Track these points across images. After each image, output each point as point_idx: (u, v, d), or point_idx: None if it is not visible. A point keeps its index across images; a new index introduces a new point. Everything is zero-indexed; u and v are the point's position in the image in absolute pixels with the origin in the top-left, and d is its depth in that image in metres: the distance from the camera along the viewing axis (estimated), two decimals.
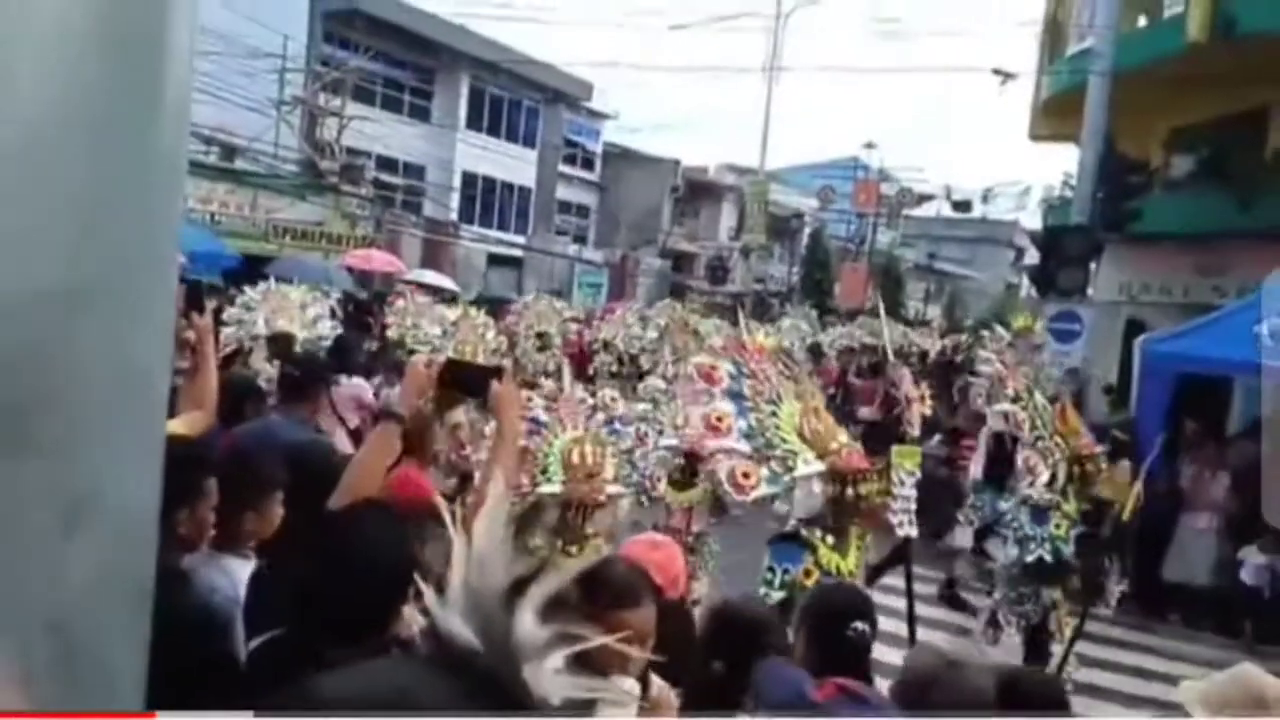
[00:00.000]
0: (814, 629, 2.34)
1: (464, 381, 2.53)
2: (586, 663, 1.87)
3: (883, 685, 2.16)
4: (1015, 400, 5.59)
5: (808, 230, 37.87)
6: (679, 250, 35.74)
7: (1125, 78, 10.95)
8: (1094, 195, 10.67)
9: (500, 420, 2.35)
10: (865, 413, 10.93)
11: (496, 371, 2.50)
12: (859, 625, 2.26)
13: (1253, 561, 7.72)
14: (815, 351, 13.31)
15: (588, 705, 0.97)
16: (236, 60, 18.63)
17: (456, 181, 28.01)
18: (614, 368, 11.21)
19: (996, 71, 15.46)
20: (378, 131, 23.96)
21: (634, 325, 11.84)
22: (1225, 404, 9.61)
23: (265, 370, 5.64)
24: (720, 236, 37.34)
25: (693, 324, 12.08)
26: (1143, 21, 11.99)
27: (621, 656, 1.79)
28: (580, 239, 33.67)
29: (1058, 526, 5.39)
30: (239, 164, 20.00)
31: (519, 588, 0.96)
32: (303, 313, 6.94)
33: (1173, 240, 11.39)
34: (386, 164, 25.81)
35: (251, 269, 12.95)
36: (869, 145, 33.48)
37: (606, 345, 11.63)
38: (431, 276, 22.47)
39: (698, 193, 36.89)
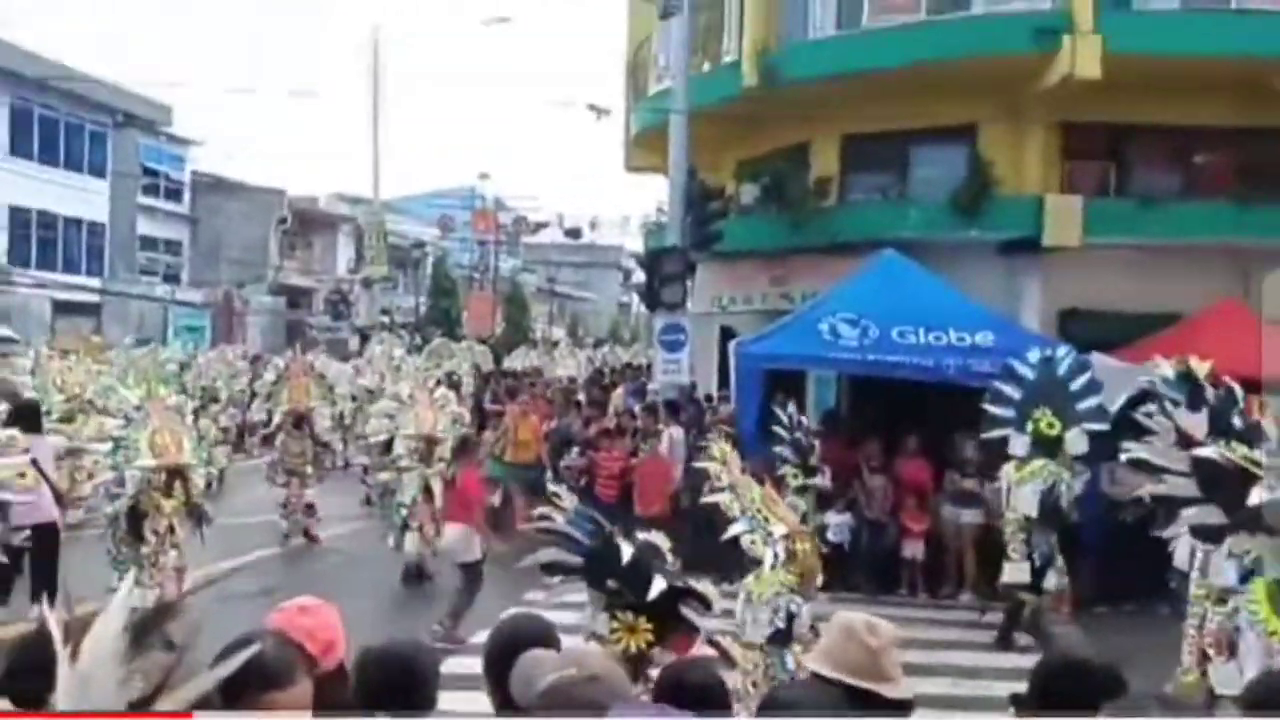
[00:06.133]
0: (489, 661, 2.43)
1: None
2: None
3: None
4: None
5: (431, 259, 37.74)
6: (293, 285, 33.62)
7: (700, 115, 12.42)
8: (683, 220, 11.95)
9: None
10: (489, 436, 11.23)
11: None
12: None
13: (834, 522, 9.16)
14: (452, 382, 13.38)
15: None
16: None
17: (3, 218, 23.75)
18: None
19: (591, 107, 16.68)
20: None
21: None
22: (801, 392, 11.25)
23: None
24: (339, 269, 35.80)
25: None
26: (706, 67, 13.66)
27: None
28: (172, 278, 30.26)
29: None
30: None
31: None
32: None
33: (748, 256, 13.16)
34: None
35: None
36: (483, 176, 34.33)
37: None
38: None
39: (309, 223, 35.02)
